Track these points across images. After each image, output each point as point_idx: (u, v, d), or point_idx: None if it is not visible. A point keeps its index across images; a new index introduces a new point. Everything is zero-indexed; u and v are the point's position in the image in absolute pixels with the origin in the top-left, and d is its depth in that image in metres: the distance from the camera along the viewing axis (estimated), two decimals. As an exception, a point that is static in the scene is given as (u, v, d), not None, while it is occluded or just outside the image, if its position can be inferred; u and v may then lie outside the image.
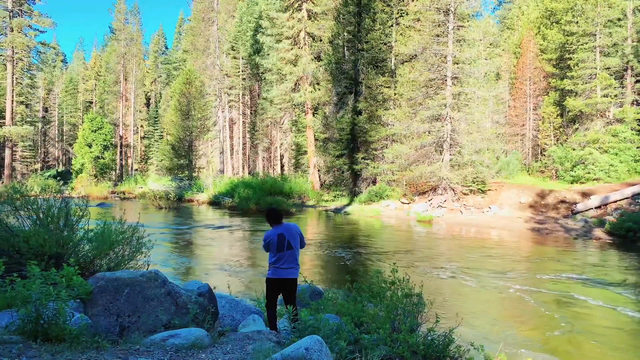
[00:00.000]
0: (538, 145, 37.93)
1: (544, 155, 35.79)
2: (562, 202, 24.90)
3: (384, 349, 5.25)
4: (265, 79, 47.69)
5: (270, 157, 56.19)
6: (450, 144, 28.86)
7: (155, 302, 4.69)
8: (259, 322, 6.02)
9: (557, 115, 35.58)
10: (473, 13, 31.10)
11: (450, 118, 28.45)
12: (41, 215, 8.86)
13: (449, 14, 28.80)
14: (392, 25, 34.72)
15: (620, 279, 12.67)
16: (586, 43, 32.01)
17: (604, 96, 31.10)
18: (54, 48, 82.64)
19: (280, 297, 5.76)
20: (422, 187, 29.95)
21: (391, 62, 34.84)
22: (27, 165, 65.45)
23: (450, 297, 10.64)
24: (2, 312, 4.45)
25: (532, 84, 38.39)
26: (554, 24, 37.94)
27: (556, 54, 36.73)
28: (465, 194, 28.45)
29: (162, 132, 66.81)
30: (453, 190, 28.36)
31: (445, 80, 28.86)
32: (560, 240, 19.75)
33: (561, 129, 35.73)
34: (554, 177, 32.15)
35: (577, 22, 32.84)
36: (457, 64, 28.86)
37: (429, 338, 5.50)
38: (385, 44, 34.62)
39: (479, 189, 28.34)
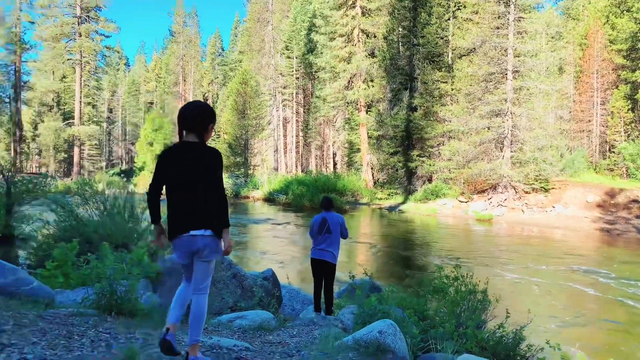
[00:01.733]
0: (606, 141, 35.79)
1: (613, 152, 33.74)
2: (635, 201, 23.34)
3: (451, 344, 5.05)
4: (318, 77, 47.80)
5: (322, 155, 56.33)
6: (511, 141, 27.74)
7: (221, 285, 4.70)
8: (320, 312, 5.98)
9: (628, 110, 33.44)
10: (535, 5, 29.77)
11: (511, 113, 27.35)
12: (108, 207, 9.26)
13: (509, 5, 27.70)
14: (449, 19, 33.85)
15: None
16: (662, 32, 29.92)
17: (682, 88, 28.95)
18: (118, 52, 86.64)
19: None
20: (481, 185, 28.95)
21: (448, 57, 33.97)
22: (93, 164, 69.03)
23: (515, 298, 10.17)
24: (77, 289, 4.60)
25: (599, 77, 36.26)
26: (624, 12, 35.63)
27: (627, 44, 34.45)
28: (526, 192, 27.25)
29: (219, 132, 68.54)
30: (514, 188, 27.24)
31: (506, 74, 27.77)
32: (633, 242, 18.52)
33: (633, 124, 33.55)
34: (625, 175, 30.26)
35: (652, 9, 30.75)
36: (518, 56, 27.70)
37: (498, 335, 5.27)
38: (441, 38, 33.80)
39: (541, 187, 27.05)
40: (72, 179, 45.84)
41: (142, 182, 43.86)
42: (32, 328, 2.96)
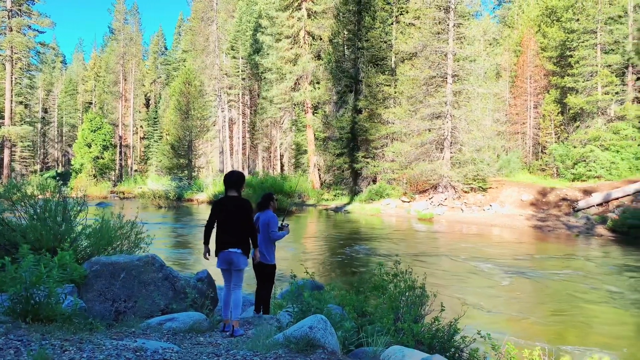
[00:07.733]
0: (539, 143, 37.76)
1: (545, 153, 35.63)
2: (564, 199, 24.73)
3: (385, 338, 5.12)
4: (265, 78, 47.52)
5: (270, 156, 56.03)
6: (451, 142, 28.70)
7: (152, 287, 4.54)
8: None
9: (558, 113, 35.42)
10: (473, 12, 30.98)
11: (450, 116, 28.30)
12: (38, 210, 8.70)
13: (449, 11, 28.68)
14: (392, 24, 34.59)
15: (619, 273, 12.54)
16: (587, 40, 31.88)
17: (605, 93, 30.95)
18: (54, 49, 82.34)
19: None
20: (423, 185, 29.78)
21: (391, 61, 34.70)
22: (26, 166, 65.29)
23: (451, 292, 10.50)
24: (-7, 296, 4.29)
25: (532, 82, 38.23)
26: (554, 21, 37.79)
27: (557, 51, 36.56)
28: (466, 192, 28.29)
29: (161, 132, 66.63)
30: (454, 188, 28.20)
31: (446, 78, 28.71)
32: (562, 237, 19.61)
33: (562, 127, 35.56)
34: (555, 175, 32.01)
35: (578, 19, 32.71)
36: (458, 61, 28.73)
37: (434, 328, 5.38)
38: (385, 42, 34.48)
39: (479, 187, 28.17)
40: (1, 183, 43.05)
41: (79, 185, 41.86)
42: None
